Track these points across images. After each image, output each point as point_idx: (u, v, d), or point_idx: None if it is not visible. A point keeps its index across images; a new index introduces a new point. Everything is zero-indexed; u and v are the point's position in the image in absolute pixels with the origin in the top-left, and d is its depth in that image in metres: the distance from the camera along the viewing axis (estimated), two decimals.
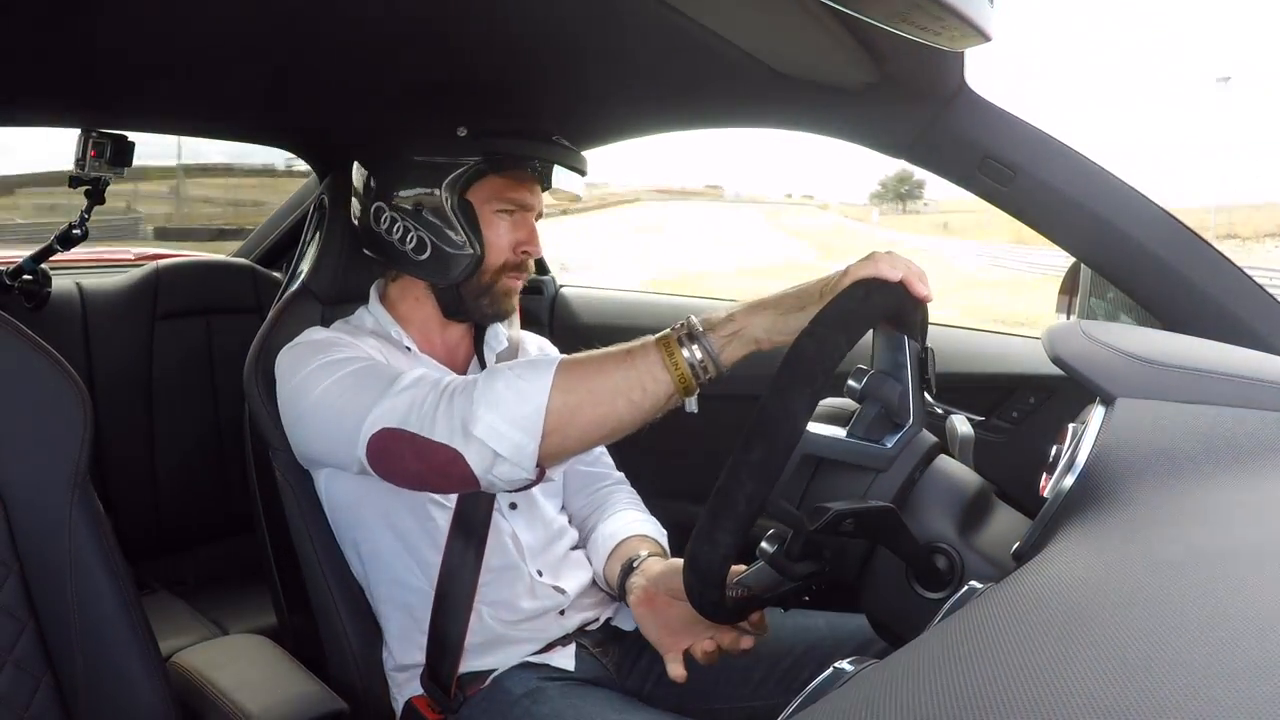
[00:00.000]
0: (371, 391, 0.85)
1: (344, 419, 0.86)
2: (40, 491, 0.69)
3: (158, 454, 1.70)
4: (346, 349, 0.93)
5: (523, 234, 1.02)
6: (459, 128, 0.96)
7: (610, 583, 1.05)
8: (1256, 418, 0.59)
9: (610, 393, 0.77)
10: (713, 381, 0.76)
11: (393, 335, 1.04)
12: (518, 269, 1.03)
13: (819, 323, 0.64)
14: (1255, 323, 0.93)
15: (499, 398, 0.78)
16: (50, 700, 0.68)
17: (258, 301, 1.83)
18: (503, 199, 0.99)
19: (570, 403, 0.77)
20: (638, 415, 0.78)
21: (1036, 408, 1.24)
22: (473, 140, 0.97)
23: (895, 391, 0.69)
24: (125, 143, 1.40)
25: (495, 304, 1.04)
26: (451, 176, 0.97)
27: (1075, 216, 0.99)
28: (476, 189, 0.98)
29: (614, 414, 0.78)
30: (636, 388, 0.76)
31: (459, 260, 0.99)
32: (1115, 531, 0.51)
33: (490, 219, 1.00)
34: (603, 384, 0.77)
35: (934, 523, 0.72)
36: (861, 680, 0.37)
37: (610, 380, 0.77)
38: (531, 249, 1.02)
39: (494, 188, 0.99)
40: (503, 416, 0.77)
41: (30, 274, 1.52)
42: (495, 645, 0.99)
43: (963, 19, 0.64)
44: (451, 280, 1.01)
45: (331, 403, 0.88)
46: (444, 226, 0.98)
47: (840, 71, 0.98)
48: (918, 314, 0.73)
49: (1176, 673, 0.30)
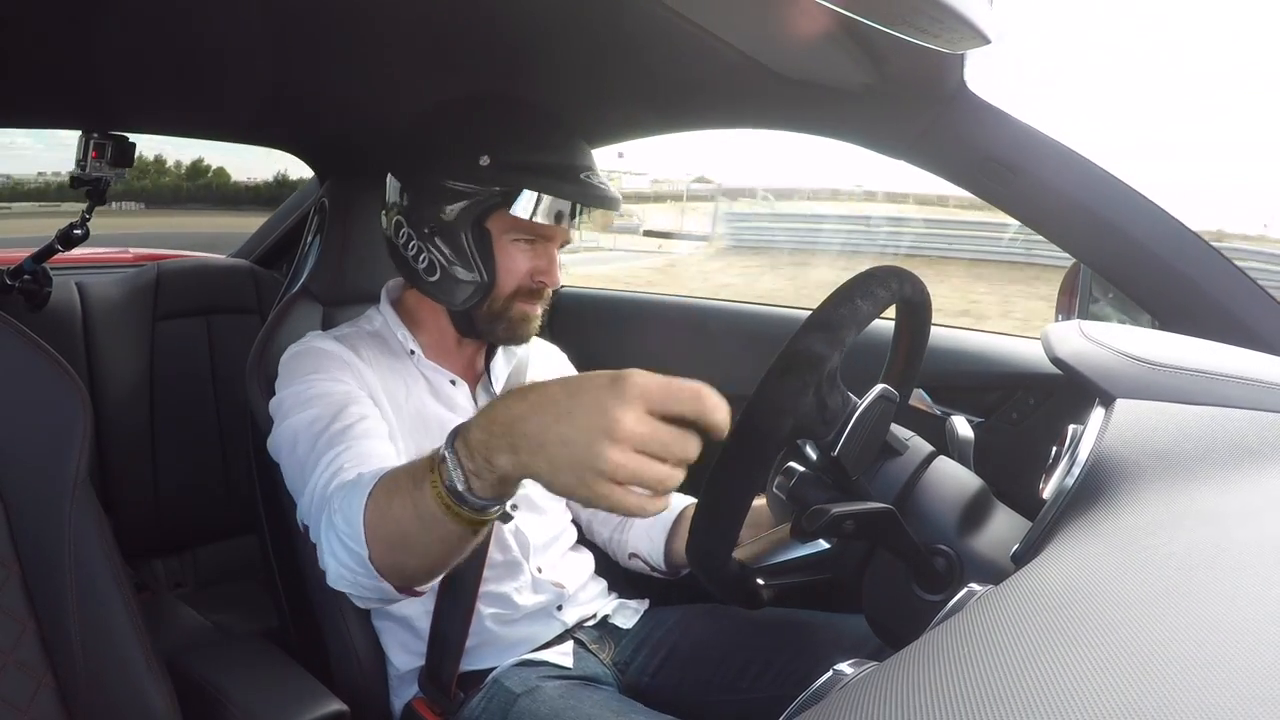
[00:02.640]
0: (303, 470, 0.85)
1: (291, 482, 0.89)
2: (40, 492, 0.69)
3: (158, 454, 1.71)
4: (327, 375, 0.93)
5: (541, 263, 0.98)
6: (482, 156, 0.93)
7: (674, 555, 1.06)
8: (1256, 418, 0.59)
9: (404, 529, 0.67)
10: (490, 509, 0.64)
11: (398, 338, 1.04)
12: (531, 295, 0.99)
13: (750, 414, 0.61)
14: (1255, 323, 0.93)
15: (333, 545, 0.73)
16: (51, 701, 0.68)
17: (258, 302, 1.83)
18: (521, 229, 0.96)
19: (382, 539, 0.70)
20: (441, 547, 0.68)
21: (1036, 409, 1.24)
22: (495, 171, 0.93)
23: (819, 498, 0.68)
24: (127, 144, 1.40)
25: (510, 329, 1.01)
26: (468, 204, 0.94)
27: (1075, 217, 0.99)
28: (495, 217, 0.95)
29: (419, 544, 0.68)
30: (423, 524, 0.66)
31: (466, 287, 0.97)
32: (1115, 533, 0.51)
33: (506, 247, 0.97)
34: (396, 521, 0.68)
35: (933, 524, 0.72)
36: (861, 683, 0.37)
37: (401, 517, 0.67)
38: (548, 279, 0.99)
39: (514, 219, 0.95)
40: (343, 565, 0.73)
41: (30, 274, 1.53)
42: (494, 643, 0.99)
43: (962, 21, 0.64)
44: (457, 305, 0.99)
45: (287, 452, 0.90)
46: (454, 252, 0.96)
47: (840, 73, 0.98)
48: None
49: (1177, 674, 0.30)
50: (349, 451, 0.84)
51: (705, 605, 1.09)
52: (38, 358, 0.71)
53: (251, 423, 1.10)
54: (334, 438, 0.86)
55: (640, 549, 1.10)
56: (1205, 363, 0.67)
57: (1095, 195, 0.98)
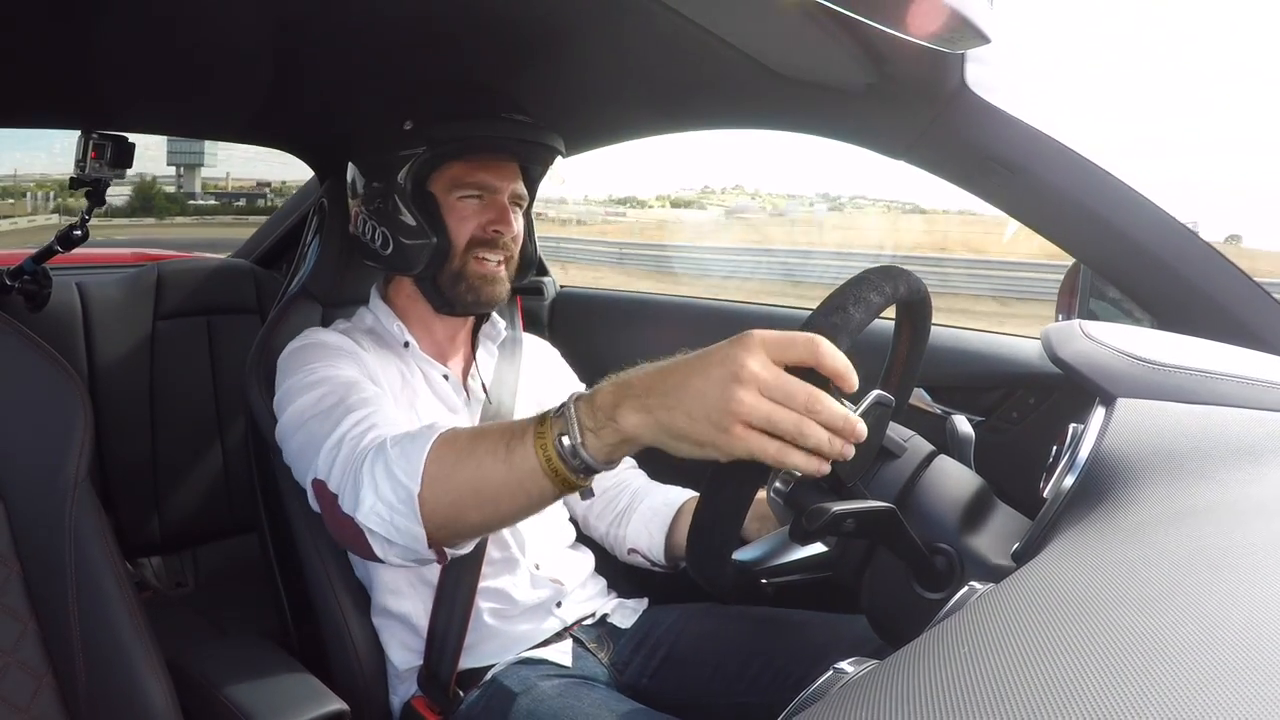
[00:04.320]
0: (319, 434, 0.85)
1: (303, 453, 0.88)
2: (40, 491, 0.69)
3: (158, 454, 1.71)
4: (329, 364, 0.94)
5: (491, 214, 1.00)
6: (405, 121, 0.97)
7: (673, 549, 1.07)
8: (1256, 418, 0.60)
9: (485, 479, 0.68)
10: (591, 474, 0.65)
11: (393, 332, 1.05)
12: (486, 246, 1.00)
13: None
14: (1254, 323, 0.93)
15: (378, 480, 0.73)
16: (51, 701, 0.68)
17: (258, 302, 1.83)
18: (463, 185, 0.99)
19: (448, 489, 0.70)
20: (521, 503, 0.69)
21: (1036, 408, 1.24)
22: (418, 130, 0.96)
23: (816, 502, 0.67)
24: (126, 144, 1.40)
25: (474, 290, 1.02)
26: (403, 171, 0.97)
27: (1075, 217, 0.99)
28: (436, 179, 0.99)
29: (493, 504, 0.69)
30: (511, 477, 0.67)
31: (417, 250, 0.99)
32: (1115, 532, 0.51)
33: (453, 205, 0.99)
34: (476, 469, 0.69)
35: (934, 523, 0.72)
36: (861, 681, 0.37)
37: (483, 466, 0.68)
38: (501, 226, 1.00)
39: (453, 175, 0.99)
40: (383, 500, 0.73)
41: (30, 274, 1.53)
42: (492, 640, 0.99)
43: (962, 20, 0.65)
44: (418, 271, 1.01)
45: (294, 432, 0.89)
46: (399, 219, 0.99)
47: (840, 72, 0.98)
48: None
49: (1177, 673, 0.30)
50: (378, 414, 0.85)
51: (704, 605, 1.09)
52: (38, 358, 0.71)
53: (252, 422, 1.10)
54: (353, 405, 0.87)
55: (639, 544, 1.09)
56: (1205, 362, 0.67)
57: (1095, 195, 0.97)
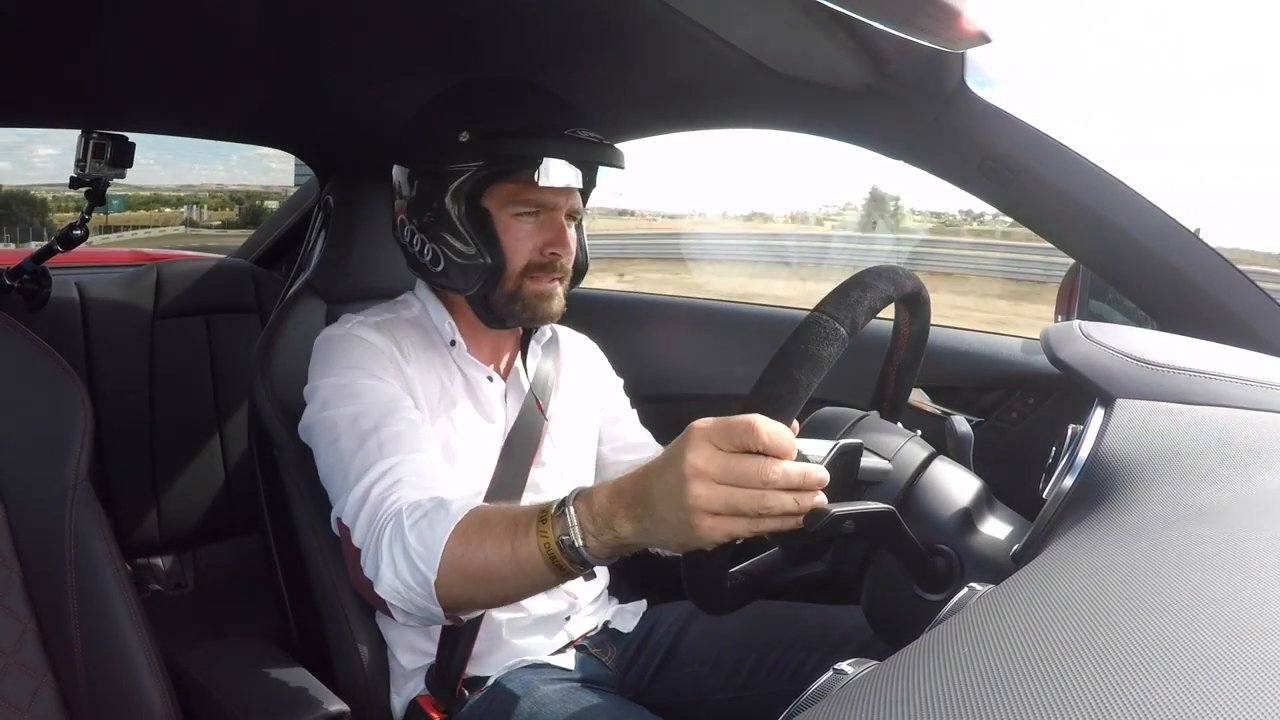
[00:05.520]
0: (350, 467, 0.86)
1: (330, 476, 0.88)
2: (40, 491, 0.69)
3: (157, 454, 1.71)
4: (371, 372, 0.92)
5: (549, 235, 0.95)
6: (461, 132, 0.90)
7: None
8: (1255, 418, 0.59)
9: (493, 570, 0.73)
10: (584, 567, 0.70)
11: (443, 330, 1.01)
12: (543, 269, 0.96)
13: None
14: (1254, 323, 0.93)
15: (396, 562, 0.77)
16: (51, 701, 0.68)
17: (258, 302, 1.84)
18: (520, 201, 0.93)
19: (460, 577, 0.75)
20: (526, 589, 0.75)
21: (1036, 409, 1.24)
22: (475, 144, 0.90)
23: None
24: (126, 143, 1.40)
25: (528, 309, 0.97)
26: (456, 184, 0.92)
27: (1075, 217, 0.99)
28: (491, 195, 0.93)
29: (501, 590, 0.75)
30: (518, 569, 0.71)
31: (472, 271, 0.94)
32: (1115, 533, 0.51)
33: (509, 224, 0.94)
34: (485, 561, 0.73)
35: (933, 524, 0.72)
36: (861, 682, 0.37)
37: (490, 559, 0.73)
38: (559, 249, 0.95)
39: (509, 191, 0.92)
40: (401, 580, 0.77)
41: (30, 274, 1.53)
42: (499, 649, 0.99)
43: (963, 20, 0.64)
44: (470, 291, 0.96)
45: (326, 444, 0.89)
46: (453, 238, 0.94)
47: (840, 72, 0.98)
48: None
49: (1177, 674, 0.30)
50: (405, 465, 0.85)
51: None
52: (38, 358, 0.71)
53: (255, 421, 1.09)
54: (386, 445, 0.86)
55: None
56: (1204, 363, 0.67)
57: (1095, 196, 0.97)
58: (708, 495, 0.58)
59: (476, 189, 0.92)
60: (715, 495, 0.58)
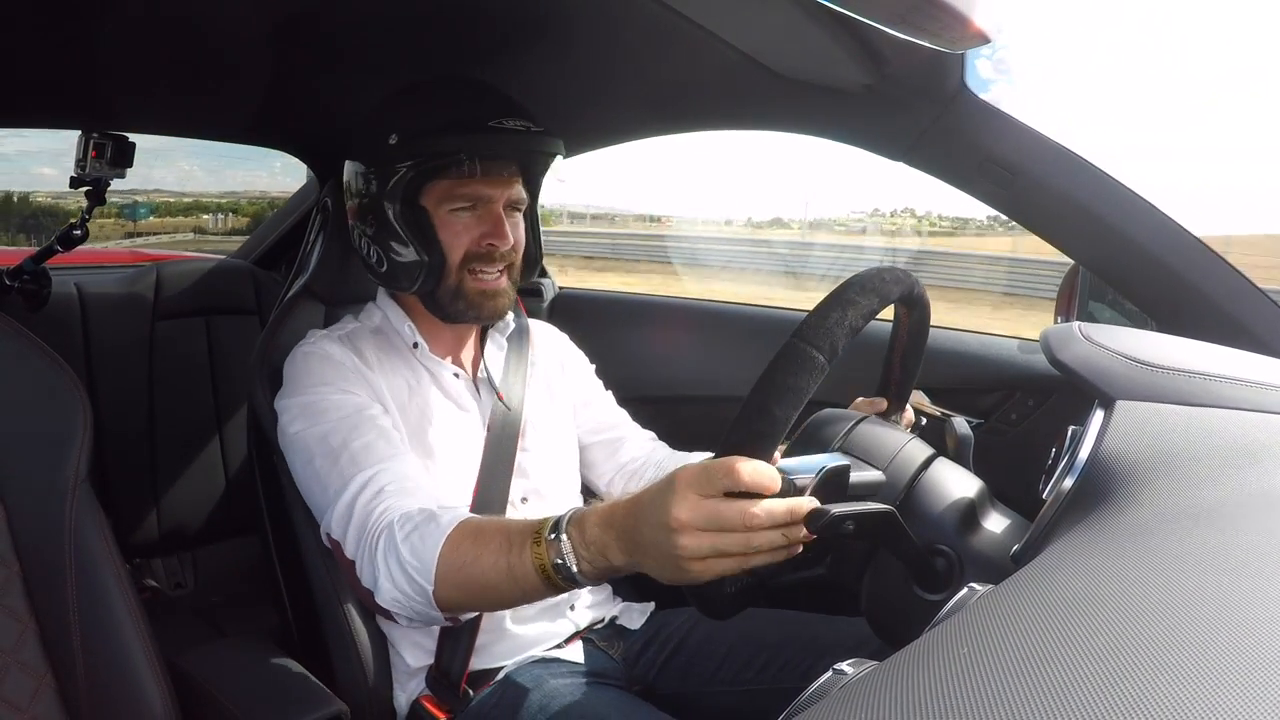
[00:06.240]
0: (328, 485, 0.88)
1: (310, 491, 0.91)
2: (40, 491, 0.69)
3: (158, 454, 1.71)
4: (336, 386, 0.93)
5: (485, 226, 0.96)
6: (391, 135, 0.92)
7: None
8: (1255, 420, 0.59)
9: (489, 582, 0.75)
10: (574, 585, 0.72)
11: (404, 333, 1.03)
12: (481, 261, 0.97)
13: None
14: (1253, 325, 0.93)
15: (393, 573, 0.80)
16: (51, 701, 0.68)
17: (257, 303, 1.83)
18: (455, 197, 0.94)
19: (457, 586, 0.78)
20: (520, 599, 0.78)
21: (1035, 410, 1.24)
22: (403, 145, 0.92)
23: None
24: (126, 143, 1.40)
25: (474, 307, 0.99)
26: (390, 186, 0.93)
27: (1075, 219, 0.99)
28: (427, 193, 0.95)
29: (497, 599, 0.79)
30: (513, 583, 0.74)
31: (413, 269, 0.96)
32: (1114, 534, 0.51)
33: (446, 220, 0.95)
34: (481, 574, 0.76)
35: (933, 525, 0.72)
36: (861, 682, 0.37)
37: (486, 572, 0.75)
38: (496, 240, 0.96)
39: (443, 188, 0.94)
40: (400, 590, 0.80)
41: (30, 274, 1.52)
42: (504, 640, 0.99)
43: (963, 20, 0.65)
44: (413, 290, 0.98)
45: (302, 464, 0.91)
46: (390, 238, 0.96)
47: (840, 73, 0.98)
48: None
49: (1176, 674, 0.30)
50: (385, 473, 0.87)
51: None
52: (38, 358, 0.71)
53: (255, 422, 1.09)
54: (359, 457, 0.88)
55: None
56: (1204, 365, 0.67)
57: (1095, 197, 0.98)
58: (694, 545, 0.60)
59: (411, 189, 0.94)
60: (701, 543, 0.60)
